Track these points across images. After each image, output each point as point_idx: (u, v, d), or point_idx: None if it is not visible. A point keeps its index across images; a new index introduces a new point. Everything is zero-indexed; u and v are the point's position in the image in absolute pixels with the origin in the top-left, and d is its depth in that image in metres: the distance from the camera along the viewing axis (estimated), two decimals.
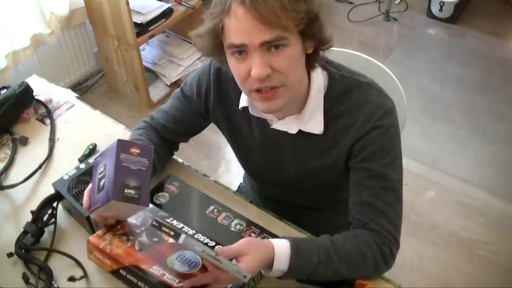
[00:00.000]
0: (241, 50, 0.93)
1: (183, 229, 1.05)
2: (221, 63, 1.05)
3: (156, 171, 1.24)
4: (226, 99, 1.18)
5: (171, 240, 1.01)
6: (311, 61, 1.02)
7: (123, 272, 0.97)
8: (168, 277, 0.95)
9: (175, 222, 1.07)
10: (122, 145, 0.96)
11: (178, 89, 1.26)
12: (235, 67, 0.97)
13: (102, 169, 0.98)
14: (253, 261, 0.94)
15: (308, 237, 1.05)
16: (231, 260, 0.93)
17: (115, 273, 0.98)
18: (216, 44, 0.98)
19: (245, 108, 1.13)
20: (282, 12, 0.88)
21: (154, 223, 0.95)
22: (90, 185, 1.06)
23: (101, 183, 0.97)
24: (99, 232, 1.01)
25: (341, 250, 1.01)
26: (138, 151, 0.97)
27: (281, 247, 0.97)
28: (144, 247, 1.00)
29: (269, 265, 0.97)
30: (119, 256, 0.97)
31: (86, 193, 1.06)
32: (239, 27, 0.90)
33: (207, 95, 1.19)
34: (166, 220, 1.06)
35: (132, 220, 1.06)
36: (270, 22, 0.88)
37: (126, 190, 0.93)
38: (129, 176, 0.95)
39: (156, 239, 1.02)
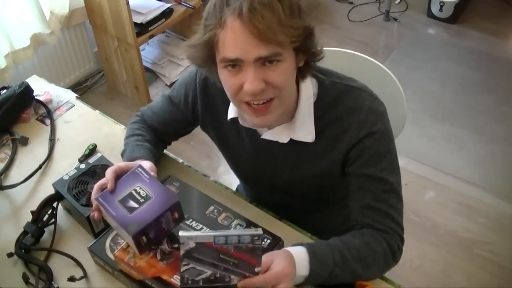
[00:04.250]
0: (235, 64, 0.92)
1: (202, 230, 1.09)
2: (210, 74, 1.03)
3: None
4: (213, 110, 1.17)
5: None
6: (302, 73, 1.02)
7: (148, 282, 1.00)
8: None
9: (194, 224, 1.10)
10: (174, 207, 1.00)
11: (167, 92, 1.26)
12: (227, 80, 0.96)
13: (143, 194, 1.02)
14: (291, 281, 0.94)
15: (318, 241, 1.04)
16: None
17: (141, 282, 1.02)
18: (208, 56, 0.96)
19: (234, 119, 1.12)
20: (279, 28, 0.87)
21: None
22: (104, 181, 1.06)
23: (132, 205, 1.00)
24: (124, 245, 1.04)
25: (352, 248, 1.01)
26: (177, 216, 1.01)
27: (299, 254, 0.97)
28: (165, 256, 1.02)
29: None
30: (142, 268, 1.00)
31: (111, 176, 1.05)
32: (235, 41, 0.89)
33: (194, 105, 1.20)
34: (185, 222, 1.09)
35: None
36: (266, 38, 0.87)
37: (143, 237, 0.98)
38: (154, 230, 0.99)
39: (176, 245, 1.03)
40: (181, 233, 0.90)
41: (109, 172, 1.06)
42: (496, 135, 2.62)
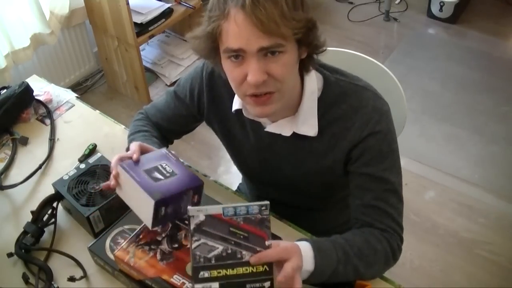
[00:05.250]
0: (238, 55, 0.93)
1: None
2: (215, 65, 1.04)
3: None
4: (219, 103, 1.18)
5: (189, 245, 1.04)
6: (305, 65, 1.02)
7: (148, 282, 1.00)
8: (188, 286, 0.96)
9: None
10: (197, 189, 1.02)
11: (172, 88, 1.27)
12: (231, 71, 0.97)
13: (169, 170, 1.02)
14: (300, 258, 0.93)
15: (320, 237, 1.05)
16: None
17: (141, 282, 1.02)
18: (212, 47, 0.97)
19: (239, 111, 1.12)
20: (281, 20, 0.88)
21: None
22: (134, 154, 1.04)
23: (157, 176, 1.00)
24: (124, 245, 1.03)
25: (354, 246, 1.02)
26: (195, 201, 1.03)
27: (304, 248, 0.97)
28: (165, 256, 1.02)
29: None
30: (142, 268, 1.00)
31: (137, 148, 1.04)
32: (238, 32, 0.90)
33: (199, 99, 1.20)
34: (185, 222, 1.08)
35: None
36: (269, 30, 0.88)
37: (162, 208, 0.97)
38: (174, 205, 0.99)
39: (176, 245, 1.04)
40: (189, 207, 0.89)
41: (135, 144, 1.06)
42: (496, 135, 2.62)
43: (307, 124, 1.07)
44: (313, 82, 1.06)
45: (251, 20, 0.87)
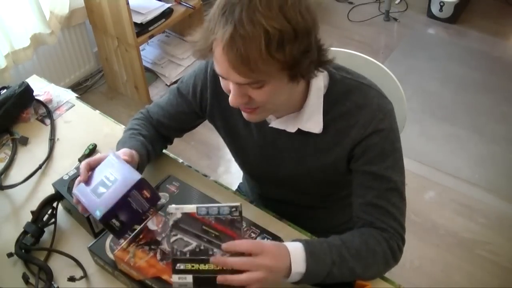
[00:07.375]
0: None
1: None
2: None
3: (149, 162, 1.25)
4: (222, 99, 1.18)
5: None
6: (304, 77, 0.97)
7: (148, 282, 1.00)
8: None
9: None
10: (139, 185, 0.99)
11: (175, 85, 1.27)
12: (221, 80, 1.00)
13: (112, 178, 1.01)
14: (274, 261, 0.93)
15: (317, 238, 1.05)
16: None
17: (141, 282, 1.02)
18: (211, 54, 0.96)
19: None
20: (258, 62, 0.85)
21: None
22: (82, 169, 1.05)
23: (101, 191, 1.01)
24: (124, 245, 1.04)
25: (352, 248, 1.01)
26: (149, 195, 1.01)
27: (296, 250, 0.97)
28: (165, 256, 1.02)
29: (287, 271, 0.96)
30: (143, 268, 1.00)
31: (83, 168, 1.05)
32: (219, 61, 0.91)
33: (202, 95, 1.20)
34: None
35: (153, 226, 1.08)
36: (243, 72, 0.88)
37: (113, 221, 0.98)
38: (124, 211, 0.99)
39: None
40: (170, 206, 0.94)
41: (82, 165, 1.07)
42: (496, 135, 2.62)
43: (312, 120, 1.07)
44: (319, 79, 1.06)
45: (227, 58, 0.87)
